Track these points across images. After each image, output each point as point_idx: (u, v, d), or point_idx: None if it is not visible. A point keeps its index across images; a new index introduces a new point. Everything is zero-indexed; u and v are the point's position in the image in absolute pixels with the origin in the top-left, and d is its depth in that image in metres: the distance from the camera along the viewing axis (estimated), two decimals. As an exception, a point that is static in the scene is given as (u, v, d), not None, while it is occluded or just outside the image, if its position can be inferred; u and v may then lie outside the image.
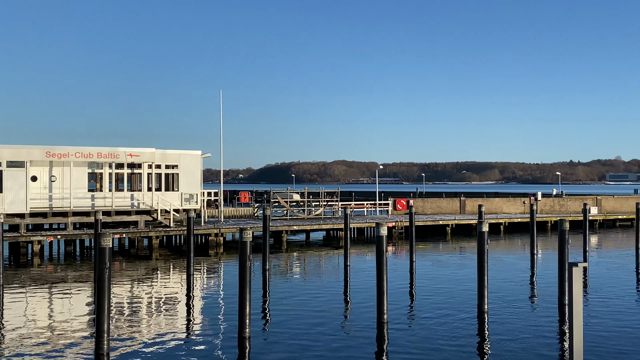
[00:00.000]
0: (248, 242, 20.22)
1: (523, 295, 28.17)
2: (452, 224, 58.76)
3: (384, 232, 22.30)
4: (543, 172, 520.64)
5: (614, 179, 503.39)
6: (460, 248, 48.48)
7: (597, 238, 57.09)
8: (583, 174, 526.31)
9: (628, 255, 43.38)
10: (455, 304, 25.84)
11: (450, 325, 22.05)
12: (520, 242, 52.96)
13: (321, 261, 41.10)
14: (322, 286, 30.91)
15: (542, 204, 71.74)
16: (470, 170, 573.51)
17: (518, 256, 43.14)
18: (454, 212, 68.92)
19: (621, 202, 74.73)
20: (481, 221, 24.68)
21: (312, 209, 60.71)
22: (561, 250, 25.97)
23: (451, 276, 33.74)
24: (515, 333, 20.91)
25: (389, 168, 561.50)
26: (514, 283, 31.30)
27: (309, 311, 24.52)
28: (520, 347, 19.21)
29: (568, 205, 72.99)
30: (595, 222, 67.34)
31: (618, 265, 38.46)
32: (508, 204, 71.98)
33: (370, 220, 56.34)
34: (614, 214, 70.99)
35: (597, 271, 35.77)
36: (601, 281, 32.04)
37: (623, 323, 22.45)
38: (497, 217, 63.86)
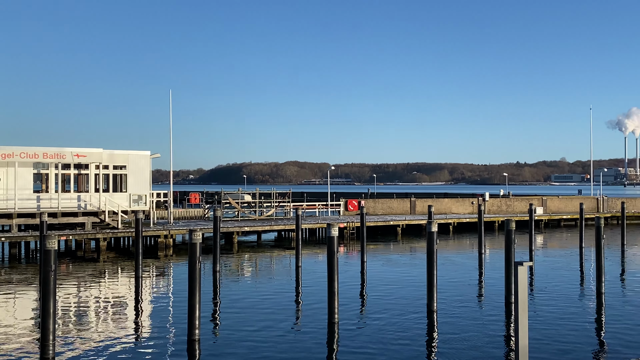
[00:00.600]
0: (198, 244, 20.01)
1: (471, 294, 28.64)
2: (402, 224, 59.36)
3: (335, 232, 22.37)
4: (491, 173, 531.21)
5: (559, 179, 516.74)
6: (410, 248, 49.02)
7: (542, 237, 58.47)
8: (529, 174, 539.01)
9: (572, 254, 44.56)
10: (405, 303, 26.10)
11: (400, 324, 22.26)
12: (468, 241, 53.86)
13: (272, 262, 41.00)
14: (273, 287, 30.83)
15: (490, 205, 73.14)
16: (420, 171, 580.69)
17: (466, 256, 43.85)
18: (405, 212, 69.66)
19: (566, 202, 76.75)
20: (430, 221, 25.00)
21: (264, 210, 60.52)
22: (508, 250, 26.50)
23: (401, 276, 34.09)
24: (463, 332, 21.24)
25: (340, 169, 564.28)
26: (462, 282, 31.80)
27: (260, 313, 24.42)
28: (469, 345, 19.52)
29: (515, 206, 74.59)
30: (541, 222, 68.97)
31: (562, 264, 39.46)
32: (457, 204, 73.15)
33: (321, 221, 56.46)
34: (558, 214, 72.85)
35: (543, 270, 36.64)
36: (546, 280, 32.83)
37: (567, 321, 23.03)
38: (446, 217, 64.81)
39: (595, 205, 77.33)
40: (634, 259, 42.34)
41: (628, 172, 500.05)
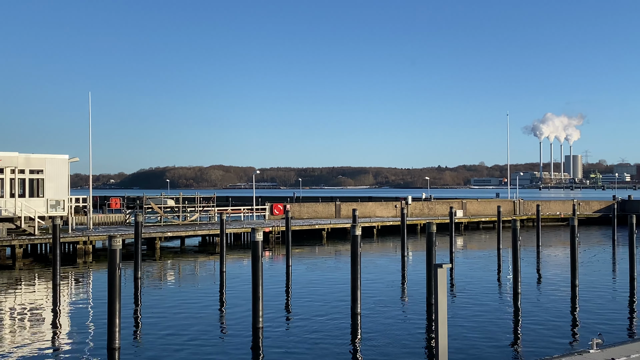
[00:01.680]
0: (117, 250, 19.54)
1: (394, 296, 29.13)
2: (327, 228, 59.78)
3: (260, 237, 22.30)
4: (413, 176, 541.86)
5: (478, 183, 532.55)
6: (335, 251, 49.40)
7: (462, 239, 60.10)
8: (450, 178, 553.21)
9: (491, 255, 45.97)
10: (329, 306, 26.27)
11: (324, 328, 22.39)
12: (392, 244, 54.75)
13: (196, 268, 40.46)
14: (197, 293, 30.42)
15: (413, 208, 74.62)
16: (345, 175, 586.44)
17: (390, 258, 44.57)
18: (330, 216, 70.17)
19: (484, 205, 79.15)
20: (354, 225, 25.28)
21: (188, 214, 59.66)
22: (429, 252, 27.10)
23: (326, 279, 34.29)
24: (386, 333, 21.56)
25: (266, 173, 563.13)
26: (386, 285, 32.29)
27: (183, 319, 24.04)
28: (391, 347, 19.83)
29: (436, 209, 76.37)
30: (461, 225, 70.87)
31: (481, 266, 40.68)
32: (381, 207, 74.26)
33: (246, 226, 56.14)
34: (477, 217, 75.04)
35: (463, 271, 37.66)
36: (466, 281, 33.75)
37: (485, 321, 23.75)
38: (370, 220, 65.68)
39: (512, 208, 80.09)
40: (548, 260, 44.06)
41: (543, 176, 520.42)
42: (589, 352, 14.12)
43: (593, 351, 14.17)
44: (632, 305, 27.14)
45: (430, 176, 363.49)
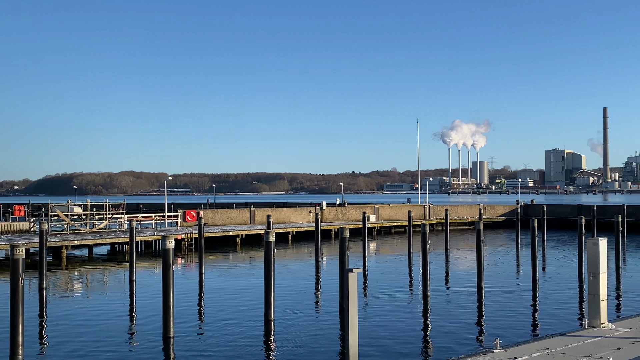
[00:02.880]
0: (20, 260, 18.71)
1: (308, 302, 29.24)
2: (242, 234, 59.39)
3: (171, 244, 21.90)
4: (328, 182, 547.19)
5: (391, 188, 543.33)
6: (250, 258, 49.12)
7: (375, 244, 61.10)
8: (364, 184, 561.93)
9: (402, 259, 46.95)
10: (243, 313, 26.10)
11: (237, 335, 22.21)
12: (306, 250, 54.98)
13: (105, 277, 39.27)
14: (105, 303, 29.50)
15: (327, 213, 75.22)
16: (260, 181, 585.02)
17: (304, 264, 44.74)
18: (244, 222, 69.75)
19: (396, 210, 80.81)
20: (268, 231, 25.25)
21: (96, 222, 57.81)
22: (342, 257, 27.37)
23: (240, 286, 34.04)
24: (299, 339, 21.62)
25: (179, 179, 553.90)
26: (300, 290, 32.38)
27: (91, 330, 23.27)
28: (304, 352, 19.90)
29: (350, 214, 77.31)
30: (374, 229, 72.06)
31: (393, 269, 41.50)
32: (295, 213, 74.47)
33: (158, 233, 54.96)
34: (390, 221, 76.51)
35: (375, 275, 38.28)
36: (378, 284, 34.31)
37: (396, 323, 24.23)
38: (285, 226, 65.72)
39: (423, 213, 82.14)
40: (456, 262, 45.44)
41: (452, 181, 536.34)
42: (493, 352, 14.64)
43: (497, 351, 14.70)
44: (534, 305, 28.35)
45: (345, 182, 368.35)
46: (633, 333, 16.47)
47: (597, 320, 17.36)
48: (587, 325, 17.38)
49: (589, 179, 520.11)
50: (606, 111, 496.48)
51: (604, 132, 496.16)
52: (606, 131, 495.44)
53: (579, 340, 15.81)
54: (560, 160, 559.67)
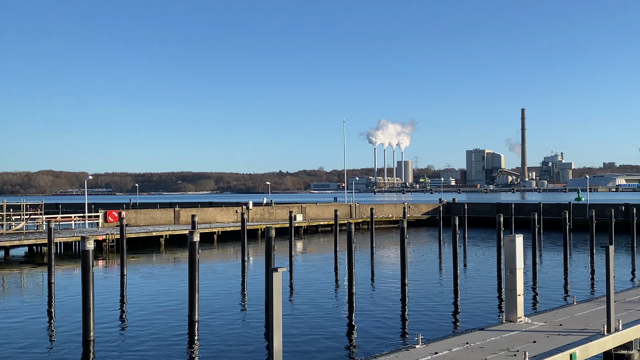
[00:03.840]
0: None
1: (234, 302, 29.02)
2: (166, 234, 58.39)
3: (90, 246, 21.31)
4: (255, 181, 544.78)
5: (318, 188, 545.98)
6: (174, 259, 48.33)
7: (302, 243, 61.26)
8: (291, 183, 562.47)
9: (328, 258, 47.25)
10: (166, 315, 25.65)
11: (160, 337, 21.81)
12: (232, 250, 54.57)
13: (23, 279, 37.79)
14: (23, 306, 28.40)
15: (254, 213, 74.89)
16: (186, 181, 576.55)
17: (230, 264, 44.38)
18: (169, 222, 68.60)
19: (323, 209, 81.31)
20: (192, 231, 24.91)
21: (12, 223, 55.58)
22: (268, 256, 27.31)
23: (163, 288, 33.44)
24: (224, 339, 21.42)
25: (101, 178, 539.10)
26: (225, 291, 32.09)
27: (8, 333, 22.33)
28: (229, 352, 19.74)
29: (277, 213, 77.24)
30: (301, 228, 72.24)
31: (319, 268, 41.71)
32: (222, 213, 73.80)
33: (77, 234, 53.33)
34: (317, 221, 76.88)
35: (301, 274, 38.37)
36: (304, 283, 34.41)
37: (322, 321, 24.35)
38: (211, 226, 65.01)
39: (349, 212, 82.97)
40: (381, 260, 46.11)
41: (378, 181, 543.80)
42: (415, 348, 14.93)
43: (419, 346, 15.00)
44: (455, 301, 29.10)
45: (272, 181, 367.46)
46: (548, 327, 17.12)
47: (514, 314, 17.96)
48: (504, 320, 17.96)
49: (508, 178, 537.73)
50: (524, 112, 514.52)
51: (522, 132, 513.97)
52: (524, 132, 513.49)
53: (497, 334, 16.31)
54: (480, 160, 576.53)
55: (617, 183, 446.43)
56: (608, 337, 15.83)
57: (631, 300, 21.04)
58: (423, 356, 14.16)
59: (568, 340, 15.49)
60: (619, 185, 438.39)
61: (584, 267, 40.52)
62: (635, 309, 19.27)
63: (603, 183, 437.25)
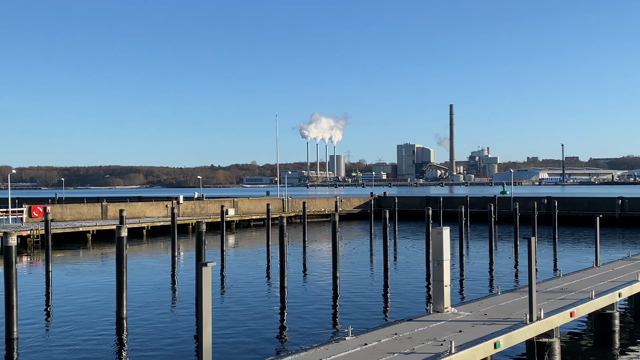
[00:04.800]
0: None
1: (164, 298, 28.61)
2: (93, 230, 56.95)
3: (13, 241, 20.59)
4: (186, 176, 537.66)
5: (251, 182, 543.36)
6: (102, 254, 47.24)
7: (234, 237, 60.88)
8: (223, 177, 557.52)
9: (260, 252, 47.16)
10: (93, 312, 25.07)
11: (87, 334, 21.30)
12: (163, 245, 53.71)
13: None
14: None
15: (184, 207, 73.95)
16: (114, 175, 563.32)
17: (160, 259, 43.69)
18: (96, 217, 66.94)
19: (255, 203, 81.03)
20: (120, 226, 24.40)
21: None
22: (198, 251, 27.03)
23: (90, 284, 32.63)
24: (153, 335, 21.11)
25: (25, 172, 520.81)
26: (154, 286, 31.59)
27: None
28: (158, 348, 19.46)
29: (208, 208, 76.49)
30: (233, 223, 71.76)
31: (251, 262, 41.58)
32: (151, 207, 72.52)
33: (0, 230, 51.36)
34: (249, 215, 76.56)
35: (233, 269, 38.17)
36: (236, 278, 34.26)
37: (253, 316, 24.31)
38: (140, 221, 63.80)
39: (281, 206, 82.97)
40: (313, 254, 46.34)
41: (310, 175, 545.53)
42: (345, 340, 15.10)
43: (349, 338, 15.18)
44: (386, 293, 29.58)
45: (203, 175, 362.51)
46: (473, 316, 17.62)
47: (441, 305, 18.39)
48: (432, 310, 18.36)
49: (437, 172, 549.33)
50: (452, 108, 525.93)
51: (450, 128, 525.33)
52: (452, 127, 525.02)
53: (424, 324, 16.67)
54: (411, 154, 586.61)
55: (540, 177, 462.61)
56: (530, 325, 16.42)
57: (552, 290, 21.89)
58: (353, 347, 14.35)
59: (492, 329, 15.99)
60: (542, 179, 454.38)
61: (508, 258, 41.85)
62: (557, 298, 20.06)
63: (527, 177, 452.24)
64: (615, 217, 70.66)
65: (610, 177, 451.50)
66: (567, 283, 23.20)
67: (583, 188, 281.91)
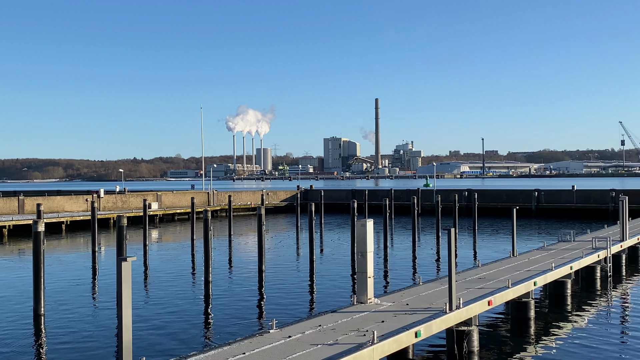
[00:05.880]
0: None
1: (83, 294, 27.82)
2: (9, 225, 54.81)
3: None
4: (108, 169, 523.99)
5: (175, 175, 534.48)
6: (19, 250, 45.52)
7: (158, 232, 59.80)
8: (146, 170, 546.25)
9: (185, 246, 46.52)
10: (8, 309, 24.14)
11: (2, 332, 20.47)
12: (83, 240, 52.20)
13: None
14: None
15: (105, 201, 72.08)
16: (31, 168, 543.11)
17: (80, 255, 42.46)
18: (12, 212, 64.41)
19: (179, 197, 79.79)
20: (37, 221, 23.55)
21: None
22: (119, 246, 26.45)
23: (6, 280, 31.42)
24: (72, 332, 20.52)
25: None
26: (74, 282, 30.67)
27: None
28: (78, 345, 18.93)
29: (130, 202, 74.82)
30: (156, 217, 70.46)
31: (175, 256, 40.97)
32: (70, 202, 70.34)
33: None
34: (173, 209, 75.32)
35: (157, 264, 37.50)
36: (160, 272, 33.68)
37: (177, 311, 23.96)
38: (58, 215, 61.79)
39: (207, 199, 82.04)
40: (239, 247, 46.08)
41: (237, 168, 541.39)
42: (269, 332, 15.10)
43: (273, 331, 15.18)
44: (312, 285, 29.74)
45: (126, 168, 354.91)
46: (396, 307, 17.95)
47: (365, 296, 18.64)
48: (356, 302, 18.59)
49: (363, 165, 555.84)
50: (377, 102, 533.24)
51: (375, 121, 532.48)
52: (377, 121, 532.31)
53: (348, 316, 16.86)
54: (337, 147, 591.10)
55: (461, 170, 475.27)
56: (450, 314, 16.87)
57: (471, 279, 22.56)
58: (277, 340, 14.36)
59: (414, 318, 16.34)
60: (463, 172, 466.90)
61: (430, 249, 42.84)
62: (475, 288, 20.69)
63: (449, 170, 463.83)
64: (531, 208, 73.49)
65: (527, 170, 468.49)
66: (485, 273, 23.96)
67: (502, 181, 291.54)
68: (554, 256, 28.28)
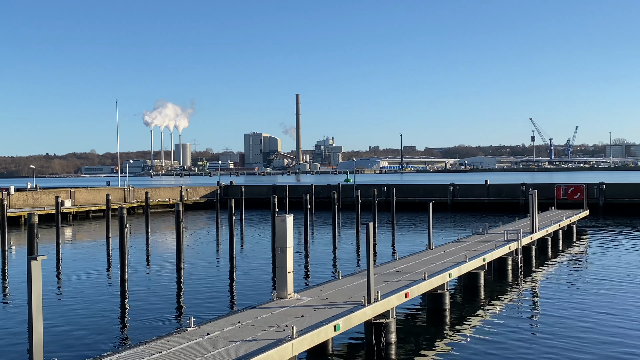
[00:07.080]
0: None
1: (-9, 296, 26.64)
2: None
3: None
4: (19, 165, 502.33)
5: (90, 171, 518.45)
6: None
7: (71, 230, 57.89)
8: (59, 167, 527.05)
9: (100, 245, 45.21)
10: None
11: None
12: (-10, 239, 49.83)
13: None
14: None
15: (15, 199, 69.18)
16: None
17: (-13, 255, 40.56)
18: None
19: (94, 194, 77.46)
20: (-62, 220, 22.33)
21: None
22: (30, 245, 25.45)
23: None
24: (-21, 337, 19.59)
25: None
26: (-19, 284, 29.31)
27: None
28: (-16, 351, 18.11)
29: (42, 199, 72.08)
30: (69, 214, 68.18)
31: (90, 255, 39.82)
32: (-23, 199, 67.03)
33: None
34: (87, 206, 73.06)
35: (70, 262, 36.31)
36: (74, 272, 32.63)
37: (92, 311, 23.28)
38: (-36, 214, 58.77)
39: (123, 196, 80.00)
40: (157, 245, 45.19)
41: (155, 164, 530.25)
42: (187, 330, 14.87)
43: (191, 329, 14.96)
44: (231, 282, 29.53)
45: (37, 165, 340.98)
46: (315, 301, 18.05)
47: (285, 291, 18.65)
48: (275, 297, 18.57)
49: (284, 161, 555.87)
50: (298, 98, 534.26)
51: (296, 117, 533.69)
52: (298, 116, 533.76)
53: (267, 311, 16.82)
54: (258, 143, 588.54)
55: (381, 165, 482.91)
56: (368, 307, 17.11)
57: (389, 272, 22.96)
58: (195, 338, 14.16)
59: (333, 312, 16.47)
60: (382, 167, 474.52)
61: (350, 244, 43.33)
62: (393, 280, 21.07)
63: (369, 165, 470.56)
64: (447, 202, 75.53)
65: (444, 166, 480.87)
66: (402, 266, 24.44)
67: (420, 176, 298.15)
68: (467, 248, 29.16)
